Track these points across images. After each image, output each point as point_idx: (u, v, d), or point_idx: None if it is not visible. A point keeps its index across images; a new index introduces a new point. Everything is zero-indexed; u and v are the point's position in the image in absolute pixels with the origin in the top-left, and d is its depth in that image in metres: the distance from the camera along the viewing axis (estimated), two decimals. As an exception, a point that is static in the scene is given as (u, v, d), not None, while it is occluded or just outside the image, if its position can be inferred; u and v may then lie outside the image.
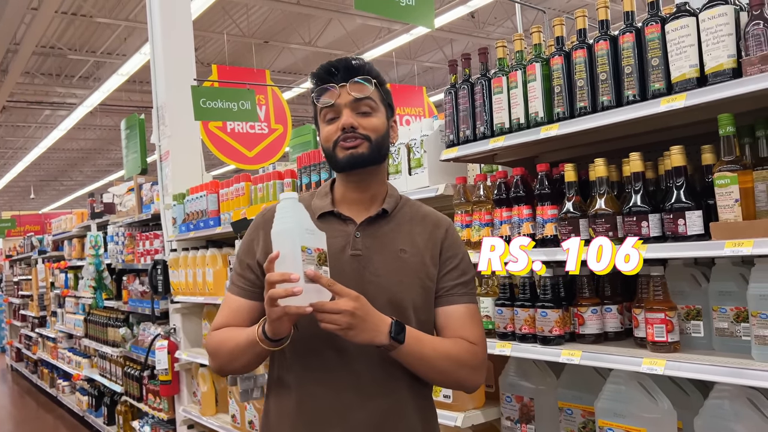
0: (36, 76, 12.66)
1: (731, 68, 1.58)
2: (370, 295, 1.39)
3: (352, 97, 1.47)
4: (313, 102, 1.53)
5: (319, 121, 1.53)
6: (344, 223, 1.52)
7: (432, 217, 1.61)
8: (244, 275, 1.54)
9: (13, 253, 11.87)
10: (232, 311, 1.53)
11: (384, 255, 1.49)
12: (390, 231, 1.53)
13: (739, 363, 1.61)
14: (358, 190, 1.54)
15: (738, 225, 1.57)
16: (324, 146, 1.52)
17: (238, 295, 1.54)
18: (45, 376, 9.01)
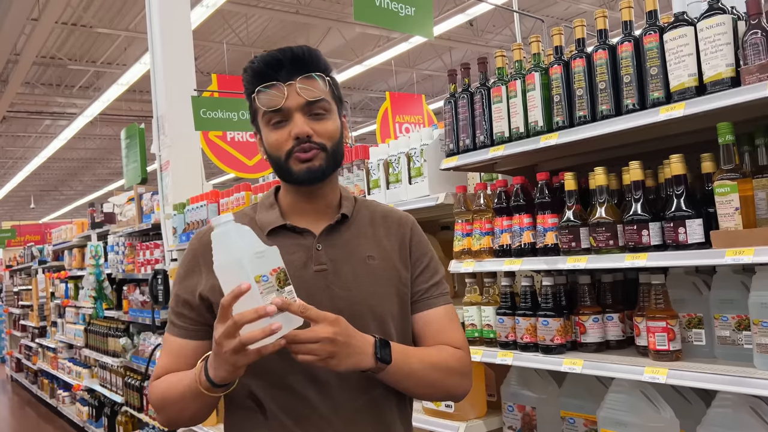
0: (36, 86, 12.69)
1: (730, 77, 1.59)
2: (344, 311, 1.25)
3: (304, 99, 1.27)
4: (249, 100, 1.34)
5: (261, 123, 1.33)
6: (300, 236, 1.34)
7: (393, 215, 1.47)
8: (183, 313, 1.34)
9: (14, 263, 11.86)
10: (173, 355, 1.34)
11: (351, 265, 1.34)
12: (353, 237, 1.37)
13: (741, 372, 1.61)
14: (312, 199, 1.37)
15: (738, 233, 1.57)
16: (272, 155, 1.32)
17: (178, 336, 1.34)
18: (45, 387, 8.99)
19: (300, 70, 1.28)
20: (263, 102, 1.28)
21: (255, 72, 1.30)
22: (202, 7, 7.96)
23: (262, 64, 1.29)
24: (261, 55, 1.32)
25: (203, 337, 1.33)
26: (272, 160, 1.33)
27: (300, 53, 1.29)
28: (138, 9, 9.67)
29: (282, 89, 1.26)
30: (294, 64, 1.28)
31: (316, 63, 1.30)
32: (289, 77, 1.27)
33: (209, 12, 8.22)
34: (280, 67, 1.28)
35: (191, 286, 1.34)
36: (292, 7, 10.01)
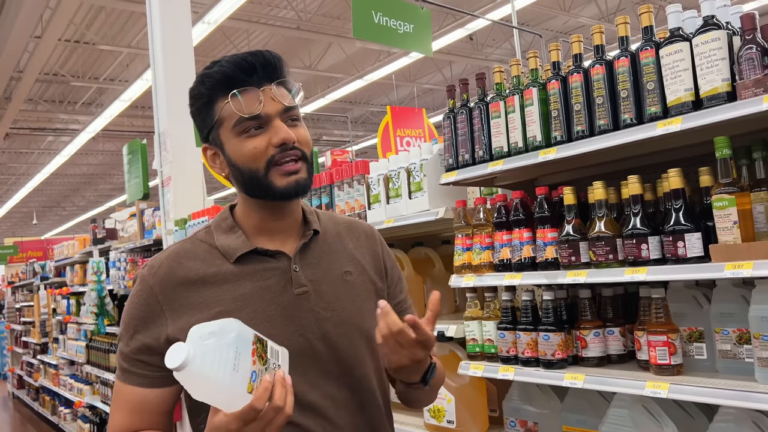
0: (39, 102, 12.77)
1: (726, 92, 1.60)
2: (332, 332, 1.23)
3: (282, 105, 1.19)
4: (204, 111, 1.22)
5: (226, 134, 1.20)
6: (273, 259, 1.23)
7: (358, 226, 1.41)
8: (144, 360, 1.18)
9: (15, 279, 11.87)
10: (134, 410, 1.19)
11: (330, 283, 1.27)
12: (325, 254, 1.30)
13: (743, 386, 1.60)
14: (281, 217, 1.26)
15: (737, 247, 1.57)
16: (245, 167, 1.19)
17: (139, 386, 1.19)
18: (46, 404, 8.95)
19: (272, 75, 1.20)
20: (239, 108, 1.17)
21: (225, 76, 1.18)
22: (204, 23, 8.02)
23: (232, 67, 1.18)
24: (226, 58, 1.20)
25: (168, 384, 1.19)
26: (244, 174, 1.20)
27: (270, 58, 1.20)
28: (140, 26, 9.75)
29: (259, 94, 1.17)
30: (265, 69, 1.19)
31: (284, 69, 1.23)
32: (261, 82, 1.19)
33: (210, 29, 8.29)
34: (253, 72, 1.18)
35: (153, 330, 1.18)
36: (293, 23, 10.09)
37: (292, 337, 1.20)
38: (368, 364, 1.29)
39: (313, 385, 1.21)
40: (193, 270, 1.21)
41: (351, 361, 1.26)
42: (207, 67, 1.23)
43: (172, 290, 1.19)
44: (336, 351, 1.24)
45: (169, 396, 1.21)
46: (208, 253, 1.24)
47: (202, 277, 1.21)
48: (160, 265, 1.22)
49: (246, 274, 1.22)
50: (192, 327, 1.01)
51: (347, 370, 1.26)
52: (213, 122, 1.22)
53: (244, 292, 1.21)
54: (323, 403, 1.21)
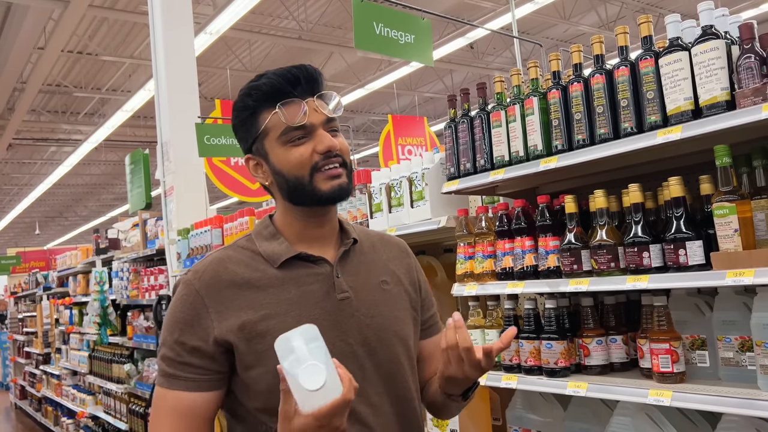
0: (42, 113, 12.83)
1: (725, 100, 1.61)
2: (372, 339, 1.26)
3: (325, 116, 1.25)
4: (249, 122, 1.27)
5: (271, 143, 1.25)
6: (315, 265, 1.27)
7: (391, 240, 1.46)
8: (192, 363, 1.19)
9: (18, 289, 11.88)
10: (181, 416, 1.18)
11: (369, 291, 1.30)
12: (363, 263, 1.34)
13: (746, 393, 1.60)
14: (322, 224, 1.30)
15: (738, 255, 1.58)
16: (291, 174, 1.23)
17: (186, 390, 1.18)
18: (49, 414, 8.94)
19: (314, 88, 1.26)
20: (287, 118, 1.22)
21: (272, 88, 1.24)
22: (206, 34, 8.07)
23: (280, 80, 1.24)
24: (271, 71, 1.26)
25: (216, 387, 1.21)
26: (289, 181, 1.25)
27: (313, 72, 1.27)
28: (142, 37, 9.82)
29: (303, 105, 1.23)
30: (308, 81, 1.25)
31: (324, 83, 1.29)
32: (304, 94, 1.24)
33: (212, 39, 8.34)
34: (297, 84, 1.24)
35: (201, 332, 1.20)
36: (294, 33, 10.14)
37: (335, 342, 1.21)
38: (407, 372, 1.32)
39: None
40: (239, 274, 1.24)
41: (391, 369, 1.28)
42: (253, 80, 1.28)
43: (218, 293, 1.21)
44: (376, 357, 1.26)
45: (216, 400, 1.22)
46: (251, 258, 1.27)
47: (248, 281, 1.23)
48: (205, 269, 1.25)
49: (290, 279, 1.24)
50: (276, 340, 1.02)
51: (387, 378, 1.28)
52: (258, 133, 1.27)
53: (289, 297, 1.23)
54: (365, 410, 1.23)
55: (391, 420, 1.27)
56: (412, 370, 1.34)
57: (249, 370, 1.19)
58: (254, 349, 1.18)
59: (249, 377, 1.19)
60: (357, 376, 1.21)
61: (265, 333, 1.18)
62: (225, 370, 1.21)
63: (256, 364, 1.18)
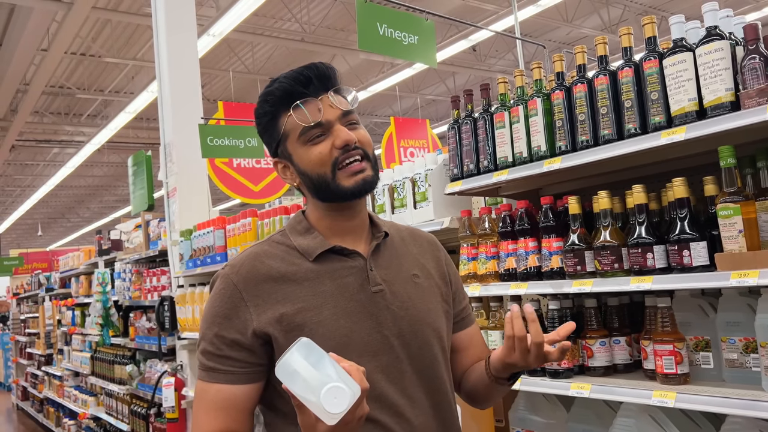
0: (45, 114, 12.86)
1: (729, 101, 1.61)
2: (406, 331, 1.27)
3: (340, 110, 1.26)
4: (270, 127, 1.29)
5: (293, 145, 1.27)
6: (349, 258, 1.29)
7: (420, 234, 1.48)
8: (231, 356, 1.21)
9: (21, 290, 11.90)
10: (221, 409, 1.20)
11: (401, 284, 1.32)
12: (394, 257, 1.36)
13: (750, 395, 1.60)
14: (351, 217, 1.32)
15: (743, 256, 1.57)
16: (314, 173, 1.26)
17: (226, 383, 1.21)
18: (51, 415, 8.94)
19: (326, 84, 1.27)
20: (301, 118, 1.24)
21: (285, 91, 1.26)
22: (209, 36, 8.08)
23: (291, 82, 1.26)
24: (283, 75, 1.28)
25: (255, 379, 1.23)
26: (313, 180, 1.27)
27: (324, 69, 1.28)
28: (145, 39, 9.84)
29: (318, 103, 1.25)
30: (320, 79, 1.26)
31: (338, 77, 1.30)
32: (318, 92, 1.26)
33: (215, 41, 8.35)
34: (309, 83, 1.26)
35: (239, 324, 1.21)
36: (297, 35, 10.15)
37: (371, 333, 1.23)
38: (441, 364, 1.33)
39: (392, 382, 1.24)
40: (275, 268, 1.26)
41: (425, 360, 1.29)
42: (267, 86, 1.30)
43: (255, 287, 1.23)
44: (410, 349, 1.27)
45: (255, 393, 1.24)
46: (286, 253, 1.29)
47: (284, 275, 1.25)
48: (242, 264, 1.27)
49: (325, 272, 1.26)
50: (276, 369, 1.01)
51: (422, 369, 1.29)
52: (279, 136, 1.29)
53: (324, 289, 1.25)
54: (401, 401, 1.24)
55: (427, 411, 1.28)
56: (446, 362, 1.36)
57: None
58: (292, 342, 1.17)
59: None
60: (393, 368, 1.25)
61: (303, 325, 1.20)
62: (264, 363, 1.23)
63: None
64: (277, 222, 3.45)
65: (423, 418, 1.27)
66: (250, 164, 6.32)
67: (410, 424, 1.24)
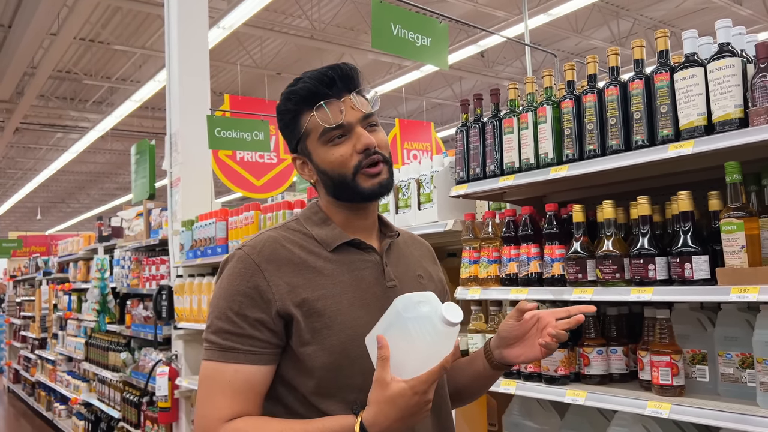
0: (50, 99, 12.86)
1: (738, 118, 1.62)
2: None
3: (362, 113, 1.28)
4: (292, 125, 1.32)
5: (314, 144, 1.30)
6: (365, 252, 1.33)
7: (417, 239, 1.54)
8: (254, 335, 1.20)
9: (18, 273, 11.90)
10: (241, 388, 1.19)
11: (409, 283, 1.36)
12: (402, 256, 1.41)
13: (744, 409, 1.61)
14: (365, 216, 1.36)
15: (744, 271, 1.59)
16: (335, 173, 1.28)
17: (246, 363, 1.19)
18: (42, 399, 8.95)
19: (349, 86, 1.29)
20: (323, 119, 1.26)
21: (309, 91, 1.28)
22: (219, 28, 8.10)
23: (315, 82, 1.27)
24: (307, 74, 1.30)
25: (274, 361, 1.23)
26: (333, 179, 1.29)
27: (347, 70, 1.29)
28: (154, 28, 9.85)
29: (340, 104, 1.26)
30: (343, 80, 1.28)
31: (360, 79, 1.32)
32: (341, 93, 1.27)
33: (225, 34, 8.37)
34: (332, 84, 1.27)
35: (263, 304, 1.21)
36: (306, 32, 10.17)
37: None
38: None
39: None
40: (295, 253, 1.27)
41: None
42: (291, 84, 1.32)
43: (278, 269, 1.24)
44: None
45: (271, 376, 1.23)
46: (304, 240, 1.30)
47: (304, 261, 1.27)
48: (263, 245, 1.27)
49: (343, 263, 1.29)
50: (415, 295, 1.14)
51: None
52: (300, 134, 1.32)
53: (343, 279, 1.28)
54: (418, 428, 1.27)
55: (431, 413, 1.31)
56: None
57: (305, 345, 1.21)
58: (312, 326, 1.21)
59: (304, 353, 1.21)
60: None
61: (323, 311, 1.22)
62: (283, 345, 1.23)
63: (312, 341, 1.21)
64: (280, 216, 3.46)
65: (427, 421, 1.29)
66: (253, 158, 6.34)
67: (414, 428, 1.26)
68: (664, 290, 1.75)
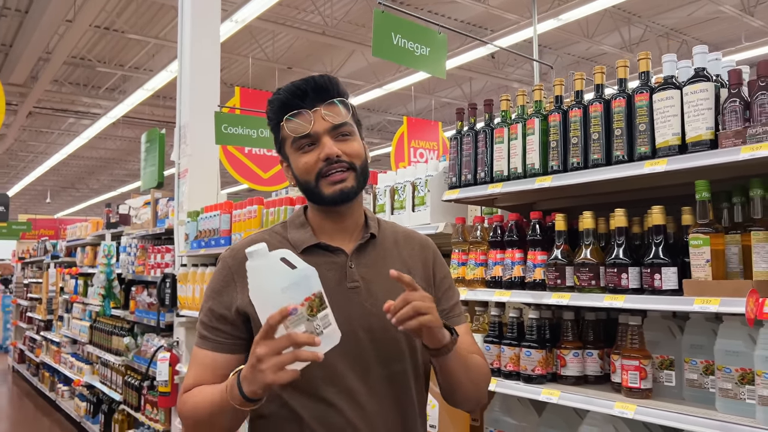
0: (64, 84, 13.02)
1: (709, 139, 1.72)
2: (376, 327, 1.36)
3: (330, 123, 1.37)
4: (275, 130, 1.44)
5: (289, 150, 1.42)
6: (333, 254, 1.42)
7: (415, 237, 1.57)
8: (218, 327, 1.39)
9: (26, 255, 12.08)
10: (205, 368, 1.39)
11: (381, 283, 1.41)
12: (380, 257, 1.46)
13: (703, 413, 1.72)
14: (340, 219, 1.45)
15: (708, 284, 1.69)
16: (302, 179, 1.40)
17: (212, 350, 1.39)
18: (45, 380, 9.13)
19: (323, 97, 1.37)
20: (292, 129, 1.37)
21: (281, 102, 1.39)
22: (232, 21, 8.21)
23: (287, 95, 1.38)
24: (284, 86, 1.41)
25: (237, 351, 1.39)
26: (302, 184, 1.41)
27: (321, 82, 1.38)
28: (168, 18, 9.97)
29: (309, 116, 1.36)
30: (316, 92, 1.37)
31: (337, 90, 1.40)
32: (313, 104, 1.37)
33: (238, 27, 8.48)
34: (305, 96, 1.37)
35: (227, 301, 1.39)
36: (318, 28, 10.27)
37: (340, 325, 1.28)
38: (407, 360, 1.43)
39: (353, 370, 1.35)
40: None
41: (390, 355, 1.40)
42: (274, 93, 1.44)
43: (245, 269, 1.34)
44: (377, 343, 1.38)
45: (235, 363, 1.37)
46: (280, 243, 1.42)
47: None
48: (240, 249, 1.41)
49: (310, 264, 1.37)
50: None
51: (386, 363, 1.39)
52: (281, 140, 1.44)
53: None
54: (359, 388, 1.35)
55: (387, 403, 1.38)
56: (414, 359, 1.44)
57: None
58: None
59: None
60: (359, 358, 1.36)
61: None
62: (245, 337, 1.38)
63: None
64: (281, 212, 3.58)
65: (380, 408, 1.37)
66: (261, 151, 6.44)
67: (365, 411, 1.35)
68: (635, 298, 1.86)
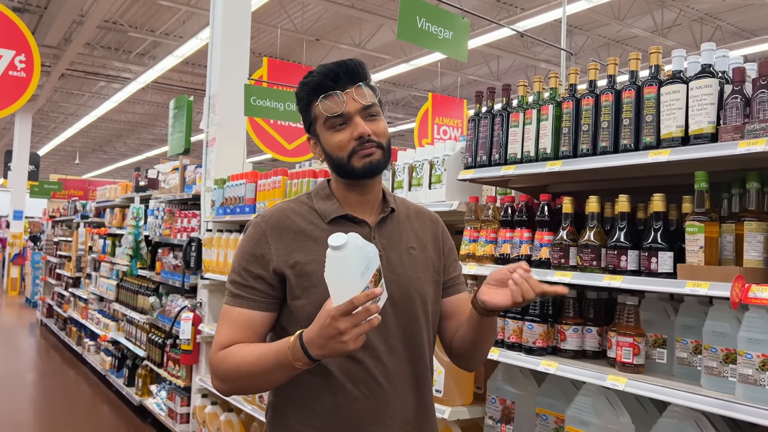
0: (96, 48, 13.25)
1: (710, 133, 1.82)
2: (395, 292, 1.48)
3: (361, 104, 1.47)
4: (306, 110, 1.54)
5: (320, 129, 1.52)
6: (358, 225, 1.53)
7: (425, 213, 1.70)
8: (256, 286, 1.49)
9: (57, 214, 12.45)
10: (240, 327, 1.48)
11: (398, 253, 1.54)
12: (397, 230, 1.58)
13: (689, 388, 1.85)
14: (364, 193, 1.55)
15: (699, 268, 1.81)
16: (335, 155, 1.51)
17: (248, 308, 1.48)
18: (73, 334, 9.47)
19: (353, 80, 1.48)
20: (326, 108, 1.47)
21: (316, 84, 1.49)
22: (263, -8, 8.29)
23: (321, 77, 1.48)
24: (317, 69, 1.52)
25: (272, 309, 1.50)
26: (333, 160, 1.51)
27: (352, 66, 1.49)
28: (201, -13, 10.08)
29: (342, 97, 1.46)
30: (348, 75, 1.48)
31: (365, 74, 1.51)
32: (345, 87, 1.47)
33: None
34: (337, 79, 1.47)
35: (263, 262, 1.49)
36: (348, 0, 10.31)
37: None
38: (421, 323, 1.57)
39: (377, 331, 1.48)
40: (297, 223, 1.53)
41: (408, 319, 1.53)
42: (305, 76, 1.54)
43: (279, 236, 1.50)
44: (397, 308, 1.51)
45: (268, 321, 1.50)
46: (308, 212, 1.55)
47: (303, 230, 1.52)
48: (271, 215, 1.54)
49: None
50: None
51: (405, 326, 1.54)
52: (311, 119, 1.55)
53: None
54: (381, 348, 1.49)
55: (403, 360, 1.52)
56: (427, 323, 1.57)
57: (295, 299, 1.48)
58: (301, 285, 1.48)
59: (295, 306, 1.49)
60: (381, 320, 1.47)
61: (311, 273, 1.46)
62: (279, 296, 1.50)
63: (302, 296, 1.47)
64: (304, 183, 3.73)
65: (398, 365, 1.51)
66: (286, 123, 6.58)
67: (386, 367, 1.50)
68: (632, 279, 1.98)
